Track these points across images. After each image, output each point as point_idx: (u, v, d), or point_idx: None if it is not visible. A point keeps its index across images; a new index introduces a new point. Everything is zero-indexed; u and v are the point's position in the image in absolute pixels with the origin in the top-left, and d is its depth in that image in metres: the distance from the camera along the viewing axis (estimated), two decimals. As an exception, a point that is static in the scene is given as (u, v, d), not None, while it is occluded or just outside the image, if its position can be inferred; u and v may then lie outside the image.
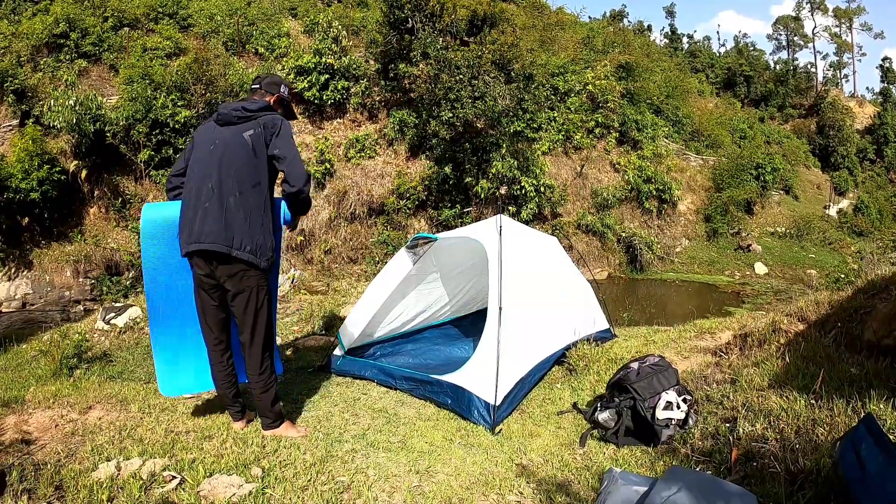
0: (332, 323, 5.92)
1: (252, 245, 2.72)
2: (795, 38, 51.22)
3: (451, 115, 13.60)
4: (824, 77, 50.15)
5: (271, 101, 3.00)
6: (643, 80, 20.08)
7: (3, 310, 10.43)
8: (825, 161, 34.89)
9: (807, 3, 50.06)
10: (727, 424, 2.83)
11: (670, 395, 3.07)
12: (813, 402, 2.70)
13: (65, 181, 11.12)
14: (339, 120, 15.12)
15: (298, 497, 2.32)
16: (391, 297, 4.59)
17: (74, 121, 10.93)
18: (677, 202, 19.09)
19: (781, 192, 25.44)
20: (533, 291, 4.18)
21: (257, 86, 3.03)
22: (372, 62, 15.43)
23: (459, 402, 3.56)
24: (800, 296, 5.74)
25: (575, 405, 3.73)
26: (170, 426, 2.92)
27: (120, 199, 11.94)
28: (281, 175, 2.88)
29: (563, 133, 17.24)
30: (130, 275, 11.25)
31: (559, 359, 4.46)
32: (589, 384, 4.07)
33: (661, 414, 3.03)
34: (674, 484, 2.07)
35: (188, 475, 2.35)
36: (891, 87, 45.63)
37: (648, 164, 18.06)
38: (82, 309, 10.53)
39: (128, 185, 12.31)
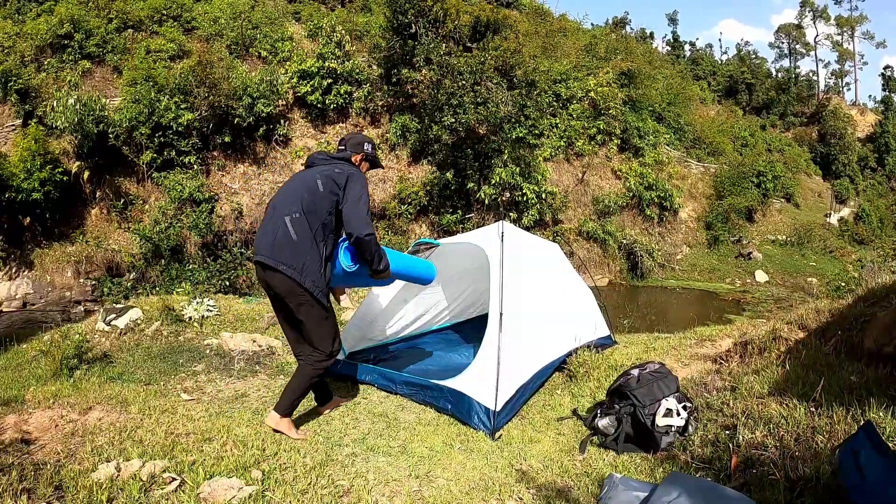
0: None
1: (296, 263, 2.90)
2: (797, 47, 51.44)
3: (453, 120, 13.63)
4: (826, 85, 50.41)
5: (356, 159, 3.27)
6: (645, 88, 20.16)
7: (4, 309, 10.45)
8: (826, 169, 34.93)
9: (809, 12, 50.27)
10: (727, 432, 2.83)
11: (670, 402, 3.07)
12: (813, 409, 2.70)
13: (67, 182, 11.15)
14: (341, 124, 15.16)
15: (298, 500, 2.32)
16: (392, 301, 4.60)
17: (77, 121, 10.97)
18: (678, 209, 19.12)
19: (782, 199, 25.49)
20: (534, 297, 4.18)
21: (343, 147, 3.32)
22: (375, 67, 15.48)
23: (459, 408, 3.55)
24: (800, 304, 5.73)
25: (575, 411, 3.73)
26: (170, 428, 2.92)
27: (122, 201, 11.97)
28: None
29: (564, 140, 17.27)
30: (131, 276, 11.26)
31: (560, 365, 4.45)
32: (589, 390, 4.07)
33: (661, 421, 3.03)
34: (674, 489, 2.07)
35: (188, 477, 2.35)
36: (892, 95, 45.78)
37: (650, 171, 18.10)
38: (83, 309, 10.55)
39: (130, 187, 12.34)
